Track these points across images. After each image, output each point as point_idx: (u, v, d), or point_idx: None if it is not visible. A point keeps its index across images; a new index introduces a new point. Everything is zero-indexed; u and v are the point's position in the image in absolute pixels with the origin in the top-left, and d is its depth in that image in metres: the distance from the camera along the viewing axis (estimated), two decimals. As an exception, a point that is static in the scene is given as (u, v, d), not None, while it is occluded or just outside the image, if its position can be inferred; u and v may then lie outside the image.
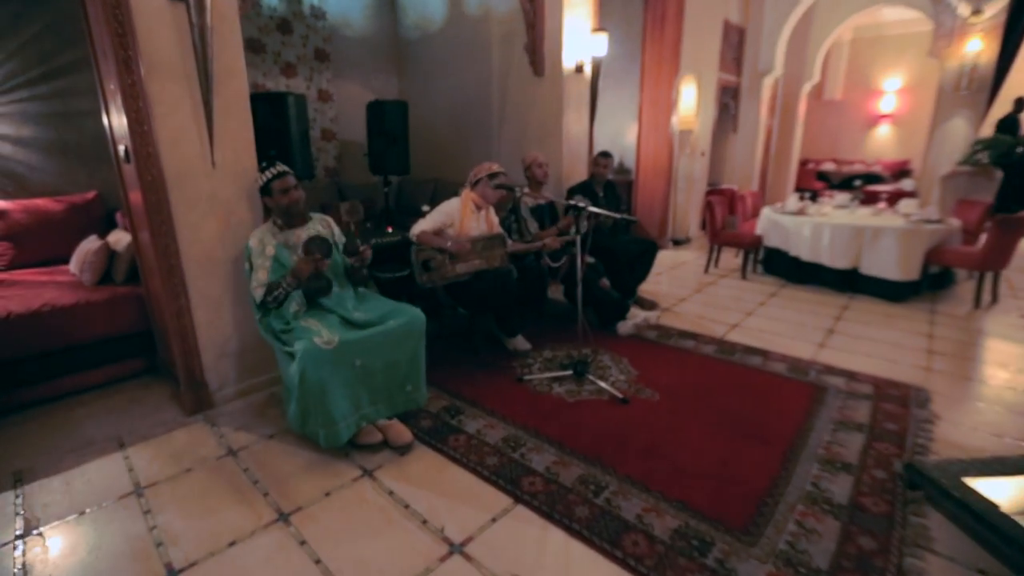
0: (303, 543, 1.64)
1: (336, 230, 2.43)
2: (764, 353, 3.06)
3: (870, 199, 5.08)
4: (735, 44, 6.53)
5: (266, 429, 2.30)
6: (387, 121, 4.28)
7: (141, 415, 2.41)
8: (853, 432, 2.23)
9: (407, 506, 1.80)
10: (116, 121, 2.23)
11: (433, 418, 2.37)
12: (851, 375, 2.77)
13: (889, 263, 4.02)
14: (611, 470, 1.98)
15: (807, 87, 8.00)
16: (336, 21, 4.83)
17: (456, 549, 1.61)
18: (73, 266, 2.85)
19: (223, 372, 2.51)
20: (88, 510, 1.80)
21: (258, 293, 2.14)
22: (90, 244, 2.79)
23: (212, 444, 2.19)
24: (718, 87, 6.32)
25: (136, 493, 1.88)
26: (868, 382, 2.69)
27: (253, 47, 4.32)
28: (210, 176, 2.31)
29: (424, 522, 1.73)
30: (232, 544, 1.64)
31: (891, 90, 9.52)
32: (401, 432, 2.16)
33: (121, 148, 2.27)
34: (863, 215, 4.45)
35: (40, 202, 3.14)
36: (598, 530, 1.67)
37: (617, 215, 2.59)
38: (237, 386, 2.56)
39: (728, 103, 6.72)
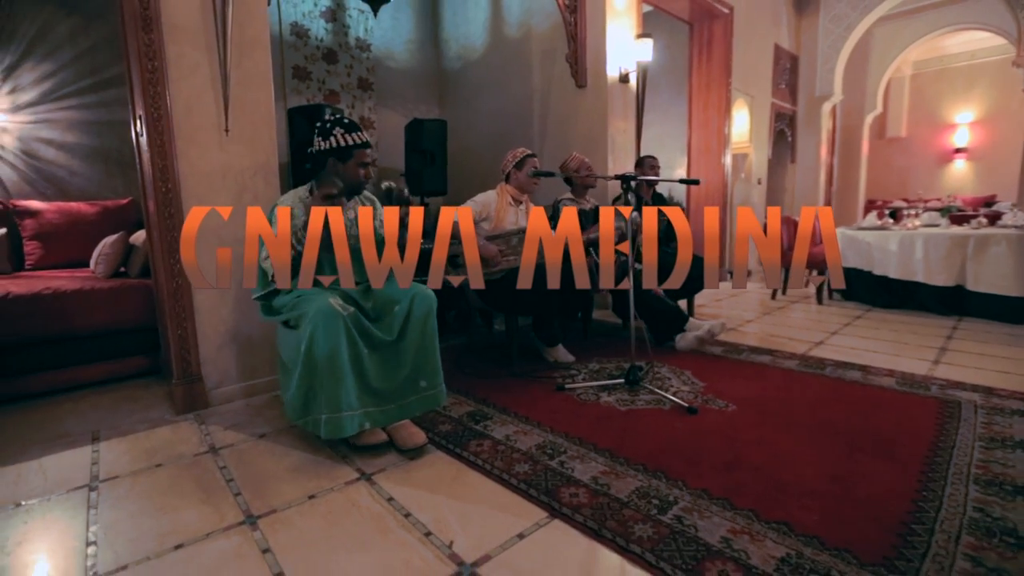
0: (266, 551, 1.24)
1: (379, 210, 2.08)
2: (864, 368, 2.49)
3: (962, 220, 4.43)
4: (787, 70, 6.26)
5: (260, 429, 1.96)
6: (425, 139, 4.19)
7: (128, 412, 2.13)
8: (1015, 450, 1.63)
9: (408, 515, 1.37)
10: (136, 93, 2.14)
11: (454, 423, 1.96)
12: (988, 390, 2.16)
13: (1003, 276, 3.37)
14: (680, 483, 1.48)
15: (869, 119, 7.54)
16: (380, 53, 4.94)
17: (466, 570, 1.16)
18: (92, 261, 2.73)
19: (223, 367, 2.22)
20: (27, 502, 1.47)
21: (268, 264, 1.82)
22: (109, 238, 2.67)
23: (194, 441, 1.86)
24: (772, 113, 6.00)
25: (89, 487, 1.55)
26: (1015, 397, 2.07)
27: (299, 75, 4.43)
28: (224, 147, 2.15)
29: (427, 534, 1.29)
30: (178, 547, 1.25)
31: (963, 123, 8.87)
32: (413, 434, 1.75)
33: (137, 123, 2.16)
34: (960, 230, 3.84)
35: (74, 205, 3.12)
36: (668, 555, 1.18)
37: (675, 180, 2.22)
38: (238, 384, 2.26)
39: (784, 130, 6.35)
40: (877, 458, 1.61)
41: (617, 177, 2.16)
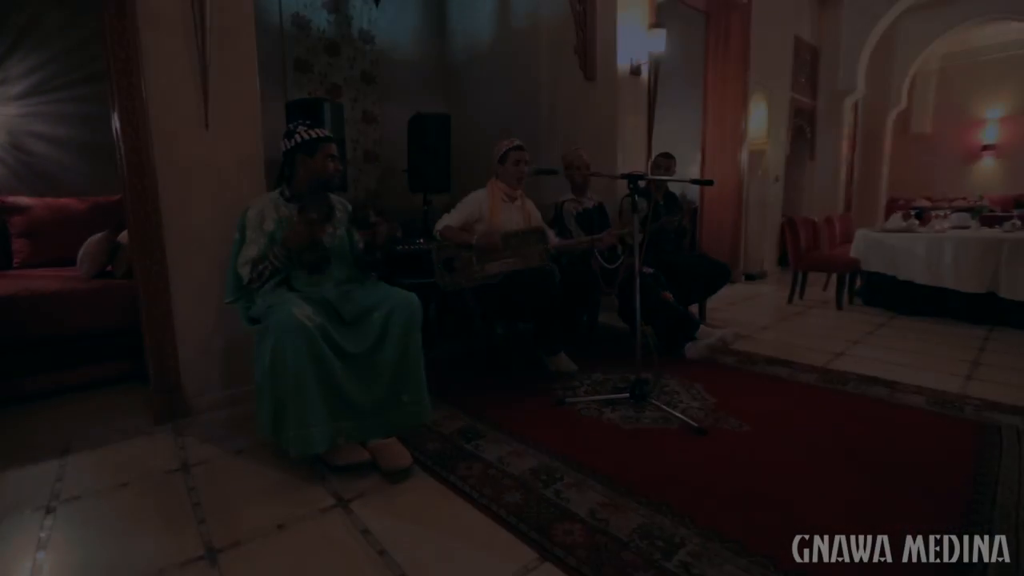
0: (221, 594, 1.11)
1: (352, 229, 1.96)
2: (890, 384, 2.30)
3: (993, 222, 4.19)
4: (808, 64, 6.00)
5: (239, 443, 1.84)
6: (428, 134, 4.05)
7: (105, 421, 2.03)
8: (1068, 488, 1.46)
9: (382, 552, 1.24)
10: (111, 85, 2.02)
11: (443, 440, 1.82)
12: (1031, 413, 1.97)
13: (1041, 284, 3.14)
14: (687, 519, 1.33)
15: (893, 114, 7.24)
16: (384, 45, 4.80)
17: (441, 624, 1.02)
18: (77, 260, 2.63)
19: (204, 373, 2.10)
20: (-23, 526, 1.37)
21: (244, 271, 1.70)
22: (94, 236, 2.57)
23: (167, 456, 1.75)
24: (791, 108, 5.76)
25: (46, 508, 1.44)
26: (1062, 422, 1.88)
27: (300, 67, 4.30)
28: (204, 140, 2.02)
29: (402, 577, 1.16)
30: (126, 587, 1.14)
31: (993, 119, 8.50)
32: (397, 454, 1.62)
33: (114, 117, 2.04)
34: (993, 233, 3.61)
35: (64, 201, 3.03)
36: (671, 612, 1.03)
37: (686, 179, 2.06)
38: (221, 392, 2.14)
39: (803, 126, 6.11)
40: (911, 495, 1.44)
41: (623, 176, 2.00)
